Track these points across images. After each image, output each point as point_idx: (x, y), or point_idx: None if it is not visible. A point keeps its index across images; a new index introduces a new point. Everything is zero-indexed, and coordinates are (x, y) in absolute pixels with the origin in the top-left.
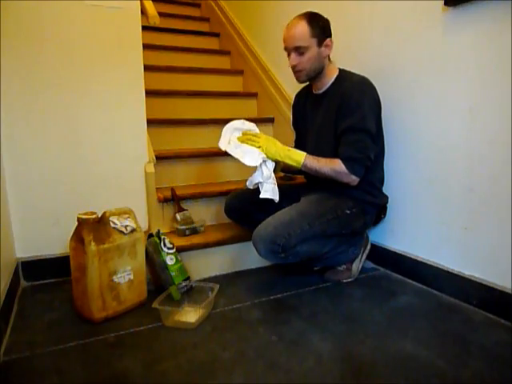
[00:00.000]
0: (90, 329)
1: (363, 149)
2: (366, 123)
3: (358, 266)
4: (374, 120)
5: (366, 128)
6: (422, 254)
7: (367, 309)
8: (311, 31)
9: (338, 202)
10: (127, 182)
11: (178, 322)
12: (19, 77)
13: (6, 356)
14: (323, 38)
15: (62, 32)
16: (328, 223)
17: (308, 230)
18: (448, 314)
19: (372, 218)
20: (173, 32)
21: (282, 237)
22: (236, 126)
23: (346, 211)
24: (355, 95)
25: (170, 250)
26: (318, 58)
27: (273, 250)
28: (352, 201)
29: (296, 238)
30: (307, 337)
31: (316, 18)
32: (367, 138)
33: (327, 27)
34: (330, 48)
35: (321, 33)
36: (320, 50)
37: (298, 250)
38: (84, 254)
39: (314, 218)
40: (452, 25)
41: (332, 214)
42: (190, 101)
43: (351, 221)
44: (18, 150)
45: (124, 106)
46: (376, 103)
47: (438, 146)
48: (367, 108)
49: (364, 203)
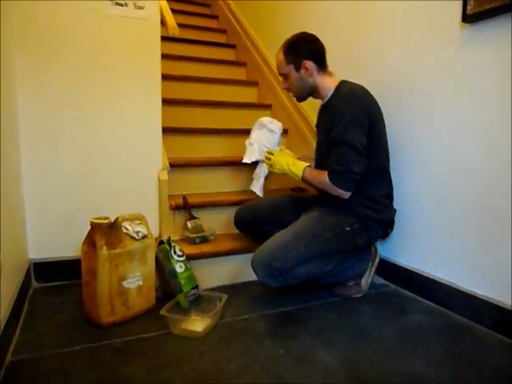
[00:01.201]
0: (98, 333)
1: (343, 161)
2: (347, 135)
3: (367, 281)
4: (361, 131)
5: (348, 140)
6: (434, 272)
7: (376, 325)
8: (286, 59)
9: (338, 218)
10: (140, 188)
11: (185, 330)
12: (39, 83)
13: (14, 356)
14: (300, 62)
15: (83, 41)
16: (326, 242)
17: (305, 251)
18: (460, 335)
19: (377, 233)
20: (190, 42)
21: (278, 260)
22: (264, 122)
23: (346, 228)
24: (339, 107)
25: (179, 258)
26: (300, 79)
27: (270, 274)
28: (354, 217)
29: (293, 261)
30: (314, 352)
31: (292, 45)
32: (350, 150)
33: (305, 50)
34: (309, 69)
35: (295, 59)
36: (300, 73)
37: (296, 272)
38: (95, 258)
39: (310, 238)
40: (469, 41)
41: (330, 233)
42: (204, 110)
43: (352, 238)
44: (37, 155)
45: (141, 114)
46: (365, 113)
47: (454, 162)
48: (349, 119)
49: (367, 219)
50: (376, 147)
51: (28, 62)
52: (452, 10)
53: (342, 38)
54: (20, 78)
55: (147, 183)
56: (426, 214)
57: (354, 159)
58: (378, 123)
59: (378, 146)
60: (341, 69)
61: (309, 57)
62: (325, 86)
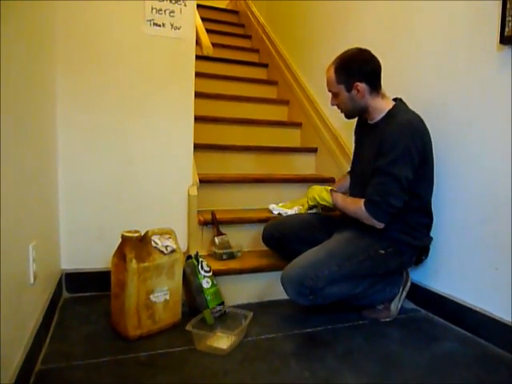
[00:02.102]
0: (124, 345)
1: (384, 193)
2: (395, 168)
3: (397, 306)
4: (409, 166)
5: (394, 173)
6: (467, 299)
7: (405, 352)
8: (337, 78)
9: (372, 241)
10: (170, 203)
11: (211, 347)
12: (78, 99)
13: (43, 365)
14: (352, 83)
15: (123, 58)
16: (360, 264)
17: (337, 271)
18: (494, 366)
19: (411, 258)
20: (223, 62)
21: (309, 278)
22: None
23: (380, 251)
24: (393, 137)
25: (207, 274)
26: (351, 100)
27: (300, 292)
28: (387, 240)
29: (324, 280)
30: (340, 376)
31: (345, 64)
32: (392, 183)
33: (358, 70)
34: (361, 92)
35: (347, 79)
36: (351, 94)
37: (327, 292)
38: (125, 271)
39: (343, 259)
40: (507, 63)
41: (364, 255)
42: (235, 128)
43: (386, 261)
44: (73, 167)
45: (174, 130)
46: (417, 149)
47: (492, 187)
48: (401, 152)
49: (401, 244)
50: (424, 182)
51: (69, 80)
52: (489, 31)
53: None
54: (60, 95)
55: (177, 198)
56: (460, 239)
57: (394, 192)
58: (429, 159)
59: (426, 180)
60: None
61: (362, 78)
62: (377, 108)
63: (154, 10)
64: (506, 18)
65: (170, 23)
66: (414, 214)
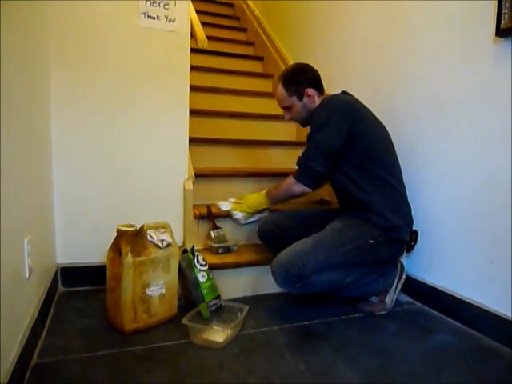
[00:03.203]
0: (120, 339)
1: (306, 158)
2: (317, 135)
3: (392, 298)
4: (334, 135)
5: (315, 140)
6: (462, 292)
7: (400, 344)
8: (287, 92)
9: (362, 230)
10: (166, 197)
11: (206, 340)
12: (72, 92)
13: (39, 358)
14: (302, 91)
15: (117, 51)
16: (347, 253)
17: (323, 260)
18: (488, 358)
19: (402, 246)
20: (219, 55)
21: (295, 266)
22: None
23: (370, 241)
24: (318, 111)
25: (202, 267)
26: (304, 108)
27: (288, 280)
28: (378, 229)
29: (310, 268)
30: (336, 368)
31: (291, 77)
32: (314, 149)
33: (304, 79)
34: (312, 96)
35: (297, 88)
36: (303, 101)
37: (316, 280)
38: (120, 265)
39: (330, 248)
40: (503, 56)
41: (352, 245)
42: (231, 122)
43: (376, 250)
44: (67, 161)
45: (168, 124)
46: (344, 120)
47: (489, 180)
48: (324, 121)
49: (387, 231)
50: (367, 160)
51: (62, 74)
52: (485, 24)
53: (373, 52)
54: (54, 89)
55: (173, 192)
56: (455, 232)
57: (315, 157)
58: (363, 131)
59: (369, 158)
60: (371, 82)
61: (309, 85)
62: None
63: (149, 2)
64: (501, 11)
65: (165, 16)
66: (377, 194)
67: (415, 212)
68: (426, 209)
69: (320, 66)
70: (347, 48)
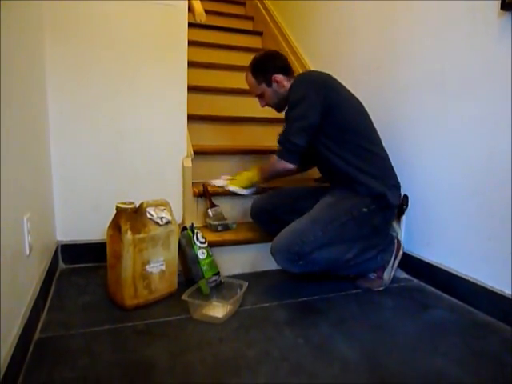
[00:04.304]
0: (121, 315)
1: (286, 134)
2: (293, 111)
3: (389, 275)
4: (310, 109)
5: (292, 115)
6: (459, 268)
7: (398, 320)
8: (256, 80)
9: (355, 201)
10: (165, 175)
11: (206, 315)
12: (69, 69)
13: (42, 333)
14: (270, 78)
15: (112, 26)
16: (343, 226)
17: (321, 235)
18: (484, 333)
19: (393, 211)
20: (217, 29)
21: (295, 244)
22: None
23: (363, 209)
24: (293, 88)
25: (202, 245)
26: (274, 93)
27: (289, 259)
28: (368, 198)
29: (310, 245)
30: (334, 342)
31: (258, 65)
32: (291, 124)
33: (271, 66)
34: (280, 81)
35: (265, 76)
36: (273, 87)
37: (316, 256)
38: (120, 242)
39: (326, 222)
40: (508, 30)
41: (346, 216)
42: (230, 98)
43: (369, 218)
44: (65, 138)
45: (166, 101)
46: (318, 94)
47: (487, 156)
48: (299, 97)
49: (376, 199)
50: (344, 128)
51: (57, 51)
52: None
53: (373, 24)
54: (49, 67)
55: (172, 170)
56: (452, 208)
57: (293, 131)
58: (338, 102)
59: (345, 126)
60: (372, 57)
61: (277, 71)
62: None
63: None
64: None
65: None
66: (362, 159)
67: (413, 188)
68: (425, 185)
69: (320, 41)
70: (348, 22)
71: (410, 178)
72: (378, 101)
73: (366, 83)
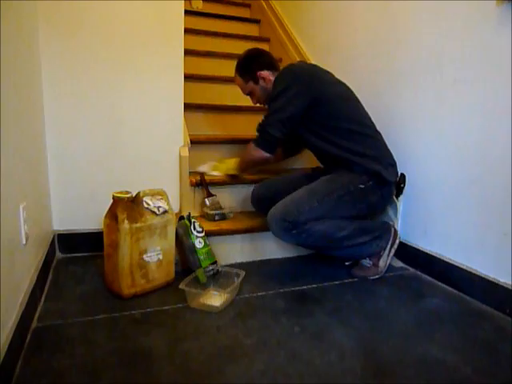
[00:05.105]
0: (119, 304)
1: (264, 124)
2: (274, 103)
3: (385, 263)
4: (287, 100)
5: (273, 107)
6: (455, 257)
7: (393, 308)
8: (243, 79)
9: (352, 177)
10: (162, 164)
11: (203, 304)
12: (63, 57)
13: (39, 322)
14: (255, 75)
15: (105, 14)
16: (340, 199)
17: (317, 206)
18: (478, 321)
19: (390, 189)
20: (213, 17)
21: (290, 213)
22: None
23: (360, 186)
24: (276, 81)
25: (199, 234)
26: (262, 89)
27: (283, 227)
28: (366, 175)
29: (305, 215)
30: (330, 331)
31: (242, 65)
32: (271, 115)
33: (255, 64)
34: (266, 77)
35: (250, 74)
36: (260, 84)
37: (311, 228)
38: (117, 232)
39: (323, 194)
40: (506, 19)
41: (343, 190)
42: (227, 87)
43: (366, 195)
44: (60, 128)
45: (162, 90)
46: (301, 86)
47: (483, 146)
48: (280, 90)
49: (373, 176)
50: (334, 116)
51: (51, 37)
52: None
53: (370, 12)
54: (44, 54)
55: (168, 159)
56: (449, 197)
57: (271, 123)
58: (325, 93)
59: (335, 114)
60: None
61: (261, 67)
62: None
63: None
64: None
65: None
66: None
67: (409, 177)
68: (421, 175)
69: (315, 29)
70: (346, 8)
71: (406, 164)
72: (372, 88)
73: (363, 69)
